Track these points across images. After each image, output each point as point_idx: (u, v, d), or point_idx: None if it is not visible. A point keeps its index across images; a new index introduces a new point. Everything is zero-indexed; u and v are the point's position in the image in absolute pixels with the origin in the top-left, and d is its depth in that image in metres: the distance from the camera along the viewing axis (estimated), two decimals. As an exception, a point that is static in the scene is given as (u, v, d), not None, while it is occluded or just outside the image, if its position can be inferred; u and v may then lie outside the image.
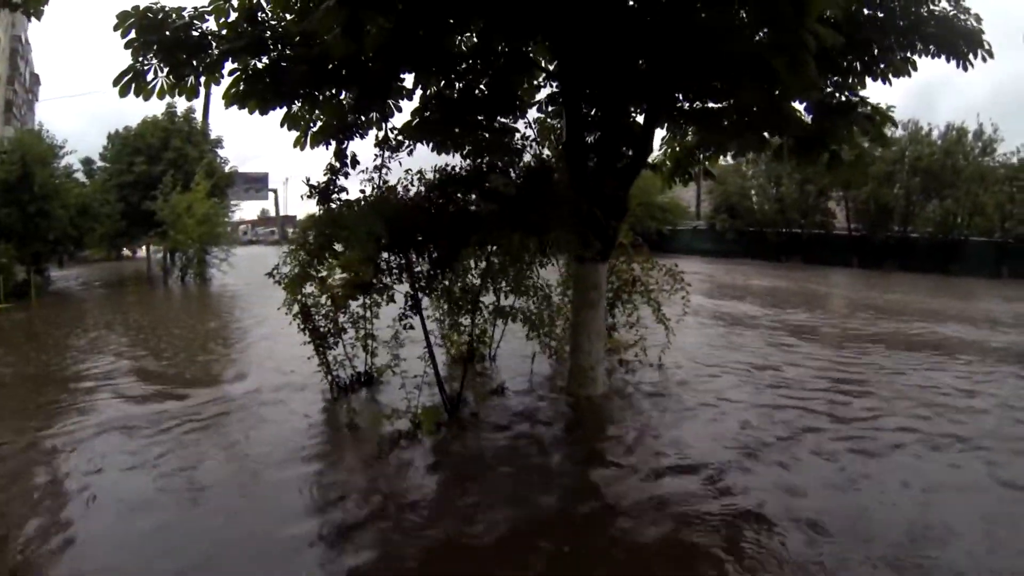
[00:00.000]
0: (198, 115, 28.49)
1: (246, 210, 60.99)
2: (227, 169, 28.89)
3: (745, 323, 14.16)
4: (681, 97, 7.91)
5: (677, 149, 9.24)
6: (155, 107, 32.16)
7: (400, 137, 7.78)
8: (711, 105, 7.87)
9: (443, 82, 8.02)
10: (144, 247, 31.80)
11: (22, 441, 6.76)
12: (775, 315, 15.52)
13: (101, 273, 30.52)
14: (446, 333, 8.87)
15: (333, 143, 7.62)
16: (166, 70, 6.79)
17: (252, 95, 7.10)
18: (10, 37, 49.32)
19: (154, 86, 6.85)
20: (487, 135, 8.20)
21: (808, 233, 34.68)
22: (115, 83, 6.70)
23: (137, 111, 41.98)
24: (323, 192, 7.30)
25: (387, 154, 7.51)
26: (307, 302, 7.67)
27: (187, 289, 24.23)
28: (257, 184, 56.46)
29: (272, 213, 77.52)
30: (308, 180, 7.32)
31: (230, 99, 7.12)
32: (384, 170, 7.40)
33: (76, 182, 24.11)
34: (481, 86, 8.03)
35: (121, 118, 50.39)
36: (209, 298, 21.37)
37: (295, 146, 7.89)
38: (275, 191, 73.61)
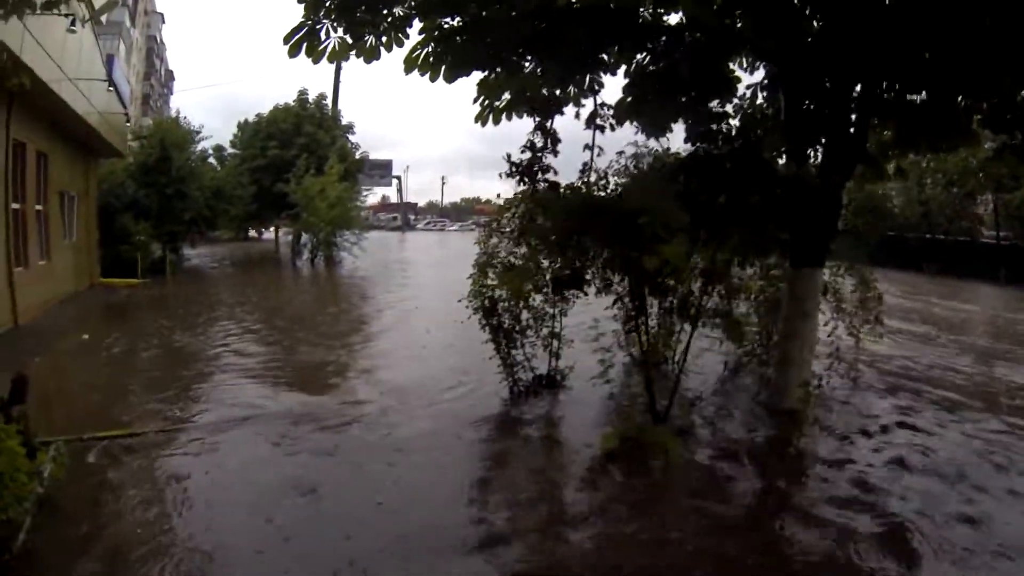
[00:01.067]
0: (328, 102, 29.06)
1: (369, 196, 62.85)
2: (358, 155, 29.23)
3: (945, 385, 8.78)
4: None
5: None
6: (286, 94, 33.24)
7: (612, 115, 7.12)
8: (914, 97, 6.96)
9: (647, 58, 7.17)
10: (272, 228, 32.82)
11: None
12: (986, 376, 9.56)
13: (230, 252, 31.53)
14: (629, 333, 8.00)
15: (533, 118, 6.83)
16: (341, 28, 6.27)
17: (443, 60, 6.35)
18: (146, 37, 52.53)
19: (327, 47, 6.37)
20: (695, 119, 7.34)
21: (952, 240, 31.21)
22: (285, 40, 6.20)
23: (265, 103, 44.37)
24: (527, 170, 6.57)
25: (596, 133, 6.84)
26: (492, 295, 6.94)
27: (317, 271, 24.38)
28: (381, 171, 57.86)
29: (392, 199, 79.62)
30: (509, 157, 6.65)
31: (414, 64, 6.38)
32: (596, 150, 6.68)
33: (211, 166, 25.00)
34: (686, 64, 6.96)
35: (249, 109, 52.99)
36: (342, 281, 21.21)
37: (477, 120, 7.23)
38: (398, 178, 75.29)
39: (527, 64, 6.85)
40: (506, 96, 7.16)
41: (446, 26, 6.25)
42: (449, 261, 28.26)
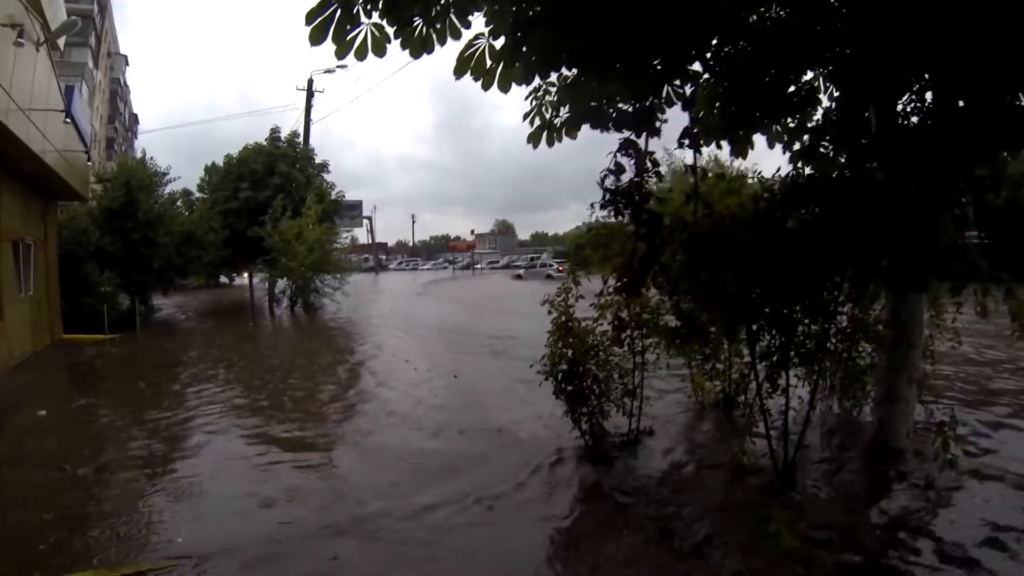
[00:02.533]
0: (300, 140, 27.63)
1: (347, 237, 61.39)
2: (334, 195, 27.67)
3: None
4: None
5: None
6: (254, 134, 31.69)
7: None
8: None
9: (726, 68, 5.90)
10: (245, 274, 31.00)
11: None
12: None
13: (203, 301, 29.56)
14: (694, 376, 7.38)
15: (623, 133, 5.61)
16: (377, 13, 4.85)
17: (518, 56, 5.02)
18: (110, 79, 50.96)
19: (357, 35, 5.03)
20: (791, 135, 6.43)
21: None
22: (308, 21, 4.85)
23: (233, 145, 42.43)
24: (626, 198, 5.38)
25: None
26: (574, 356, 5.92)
27: (298, 320, 22.54)
28: (352, 212, 56.44)
29: (362, 240, 78.37)
30: (603, 181, 5.42)
31: (468, 64, 5.17)
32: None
33: (180, 210, 23.34)
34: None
35: (216, 152, 51.14)
36: (328, 334, 19.15)
37: (529, 141, 6.07)
38: (369, 218, 74.34)
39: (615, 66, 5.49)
40: (564, 111, 5.99)
41: (527, 10, 4.90)
42: (437, 305, 27.12)
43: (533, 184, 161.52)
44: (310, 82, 29.55)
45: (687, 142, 5.83)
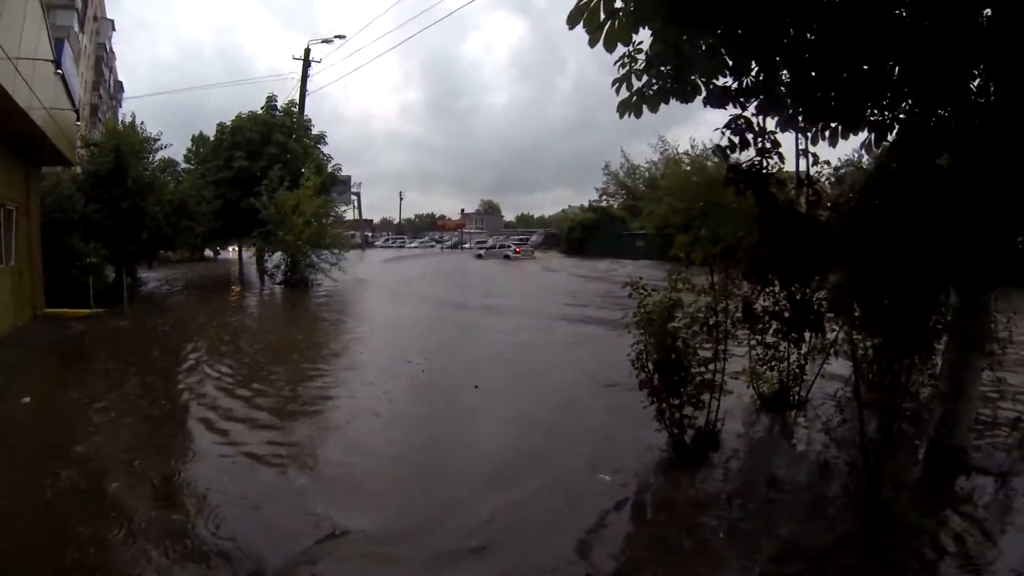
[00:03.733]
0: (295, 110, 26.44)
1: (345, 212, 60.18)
2: (330, 167, 26.55)
3: None
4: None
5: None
6: (241, 106, 30.31)
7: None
8: None
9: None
10: (232, 248, 29.88)
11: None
12: None
13: (189, 275, 28.46)
14: (752, 367, 6.97)
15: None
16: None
17: (642, 16, 4.21)
18: (95, 45, 48.92)
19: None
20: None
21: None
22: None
23: (219, 117, 40.56)
24: (754, 177, 4.99)
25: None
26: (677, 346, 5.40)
27: (292, 297, 21.45)
28: (342, 187, 55.22)
29: (348, 217, 77.14)
30: (724, 150, 4.74)
31: (581, 15, 4.28)
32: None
33: (171, 178, 22.14)
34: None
35: (200, 126, 49.30)
36: (323, 310, 18.36)
37: (620, 109, 5.16)
38: (357, 194, 73.20)
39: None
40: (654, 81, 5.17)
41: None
42: (429, 280, 26.56)
43: (518, 167, 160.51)
44: (307, 51, 28.57)
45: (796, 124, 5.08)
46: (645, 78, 5.28)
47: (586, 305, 18.48)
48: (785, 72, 5.15)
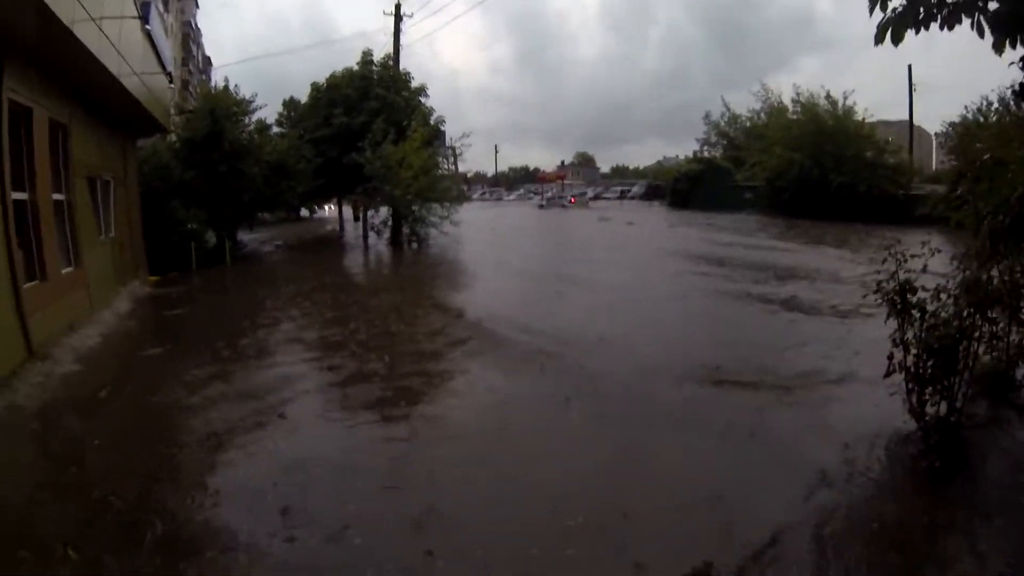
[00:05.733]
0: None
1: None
2: (432, 120, 25.49)
3: None
4: None
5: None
6: (327, 69, 29.50)
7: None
8: None
9: None
10: (329, 206, 29.87)
11: None
12: None
13: (287, 235, 28.68)
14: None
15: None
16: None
17: None
18: (181, 23, 50.07)
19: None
20: None
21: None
22: None
23: (307, 82, 40.24)
24: None
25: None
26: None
27: (403, 255, 20.86)
28: (437, 141, 54.60)
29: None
30: None
31: None
32: None
33: (268, 137, 21.90)
34: None
35: (290, 91, 49.68)
36: (442, 270, 17.49)
37: (884, 32, 3.73)
38: (453, 148, 72.51)
39: None
40: None
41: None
42: (544, 234, 25.46)
43: (611, 119, 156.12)
44: (398, 6, 27.46)
45: None
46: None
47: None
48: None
